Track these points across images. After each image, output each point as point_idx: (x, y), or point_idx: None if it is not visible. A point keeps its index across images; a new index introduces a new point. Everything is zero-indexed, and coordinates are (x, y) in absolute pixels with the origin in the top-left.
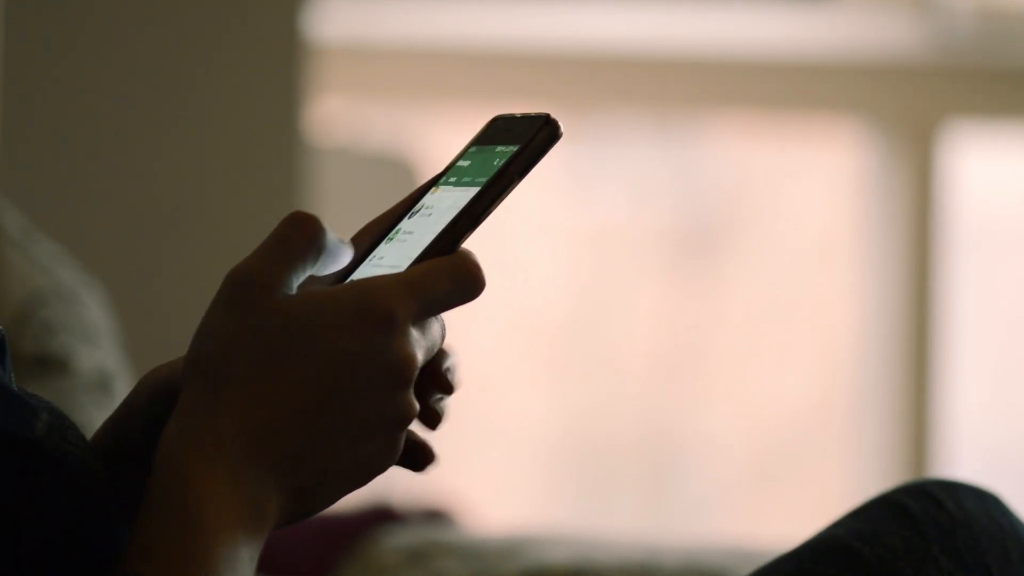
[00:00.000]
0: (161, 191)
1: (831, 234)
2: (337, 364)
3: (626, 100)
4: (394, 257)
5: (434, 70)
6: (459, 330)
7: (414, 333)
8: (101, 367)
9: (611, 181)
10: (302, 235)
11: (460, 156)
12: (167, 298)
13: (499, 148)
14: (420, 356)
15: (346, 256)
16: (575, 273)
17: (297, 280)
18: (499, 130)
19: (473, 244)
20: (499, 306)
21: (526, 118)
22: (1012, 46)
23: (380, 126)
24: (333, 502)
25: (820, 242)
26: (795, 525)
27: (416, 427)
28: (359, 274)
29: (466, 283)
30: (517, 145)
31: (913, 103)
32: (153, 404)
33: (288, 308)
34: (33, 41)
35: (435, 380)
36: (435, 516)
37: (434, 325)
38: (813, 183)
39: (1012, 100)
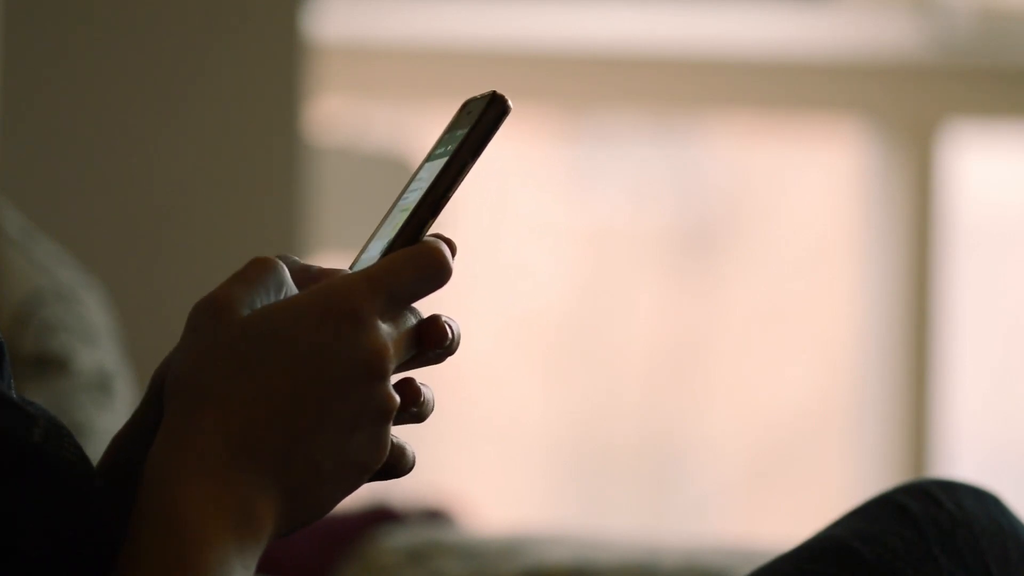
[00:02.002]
0: (161, 191)
1: (831, 234)
2: (307, 362)
3: (626, 100)
4: (369, 255)
5: (434, 70)
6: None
7: (383, 327)
8: (101, 367)
9: (611, 181)
10: (260, 265)
11: (437, 144)
12: (167, 298)
13: (458, 132)
14: (392, 348)
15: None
16: (575, 273)
17: (259, 301)
18: (464, 114)
19: (473, 244)
20: (499, 306)
21: (481, 98)
22: (1012, 46)
23: (380, 126)
24: (330, 505)
25: (820, 242)
26: (795, 525)
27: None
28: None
29: (430, 271)
30: (469, 127)
31: (913, 103)
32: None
33: (253, 319)
34: (33, 41)
35: (430, 332)
36: (435, 516)
37: (409, 317)
38: (813, 183)
39: (1012, 100)
